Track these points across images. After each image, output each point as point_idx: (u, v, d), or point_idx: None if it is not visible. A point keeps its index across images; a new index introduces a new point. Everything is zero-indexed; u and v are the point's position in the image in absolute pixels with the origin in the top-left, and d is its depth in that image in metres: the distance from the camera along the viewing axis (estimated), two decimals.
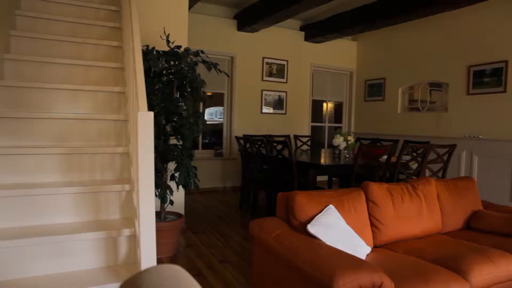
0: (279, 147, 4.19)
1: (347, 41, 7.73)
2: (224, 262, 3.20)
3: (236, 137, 5.22)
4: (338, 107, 8.08)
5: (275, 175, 4.38)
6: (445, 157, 4.12)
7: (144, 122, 1.80)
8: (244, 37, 6.62)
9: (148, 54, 3.16)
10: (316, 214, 2.22)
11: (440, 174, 4.19)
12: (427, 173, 4.07)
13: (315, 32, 7.02)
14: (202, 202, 5.61)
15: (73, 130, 2.52)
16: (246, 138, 4.93)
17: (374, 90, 7.36)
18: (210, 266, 3.10)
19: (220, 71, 3.48)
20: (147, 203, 1.82)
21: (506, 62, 5.14)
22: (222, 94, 6.72)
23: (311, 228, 2.09)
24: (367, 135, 6.99)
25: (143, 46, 3.30)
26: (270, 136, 5.83)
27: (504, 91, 5.16)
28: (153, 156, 1.83)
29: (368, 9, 5.91)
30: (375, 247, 2.50)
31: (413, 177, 3.94)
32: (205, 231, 4.11)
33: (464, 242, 2.56)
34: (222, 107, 6.76)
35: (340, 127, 7.97)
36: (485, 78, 5.40)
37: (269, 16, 5.74)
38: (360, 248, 2.20)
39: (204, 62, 3.39)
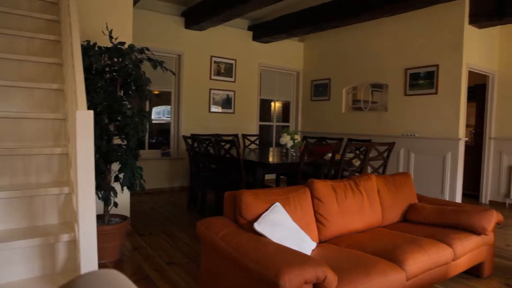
0: (228, 146, 4.20)
1: (294, 42, 7.90)
2: (172, 263, 3.15)
3: (184, 136, 5.14)
4: (286, 107, 8.24)
5: (223, 175, 4.38)
6: (385, 155, 4.35)
7: (83, 121, 1.72)
8: (192, 35, 6.53)
9: (89, 50, 3.01)
10: (263, 212, 2.25)
11: (380, 170, 4.42)
12: (369, 169, 4.28)
13: (263, 32, 7.10)
14: (148, 203, 5.47)
15: (4, 129, 2.34)
16: (194, 137, 4.87)
17: (320, 90, 7.60)
18: (157, 269, 3.03)
19: (166, 69, 3.41)
20: (87, 206, 1.73)
21: (437, 66, 5.54)
22: (169, 93, 6.58)
23: (258, 226, 2.12)
24: (314, 133, 7.20)
25: (84, 41, 3.14)
26: (218, 135, 5.81)
27: (436, 93, 5.57)
28: (93, 157, 1.75)
29: (314, 11, 6.08)
30: (320, 243, 2.59)
31: (356, 173, 4.13)
32: (152, 233, 4.00)
33: (401, 234, 2.73)
34: (170, 106, 6.63)
35: (288, 126, 8.13)
36: (419, 81, 5.78)
37: (217, 15, 5.72)
38: (306, 244, 2.26)
39: (149, 59, 3.30)
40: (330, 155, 4.03)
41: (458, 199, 5.45)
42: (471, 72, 5.56)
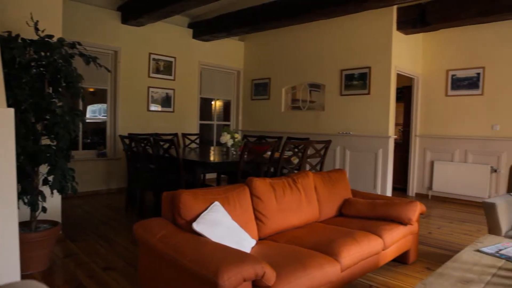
0: (167, 145, 4.11)
1: (234, 41, 7.92)
2: (109, 269, 3.01)
3: (121, 136, 4.94)
4: (227, 106, 8.25)
5: (162, 175, 4.27)
6: (322, 152, 4.52)
7: (2, 120, 1.58)
8: (129, 31, 6.28)
9: (11, 42, 2.78)
10: (202, 212, 2.24)
11: (318, 167, 4.59)
12: (307, 167, 4.43)
13: (203, 30, 7.03)
14: (83, 207, 5.17)
15: None
16: (131, 136, 4.70)
17: (260, 89, 7.70)
18: (92, 275, 2.88)
19: (100, 66, 3.25)
20: (7, 213, 1.60)
21: (370, 68, 5.88)
22: (105, 91, 6.28)
23: (197, 226, 2.10)
24: (254, 132, 7.28)
25: (4, 32, 2.89)
26: (157, 134, 5.66)
27: (368, 93, 5.91)
28: (15, 158, 1.62)
29: (254, 11, 6.14)
30: (260, 240, 2.63)
31: (295, 171, 4.24)
32: (86, 238, 3.80)
33: (336, 228, 2.86)
34: (106, 105, 6.32)
35: (229, 125, 8.14)
36: (354, 82, 6.10)
37: (155, 11, 5.55)
38: (245, 242, 2.29)
39: (81, 54, 3.12)
40: (269, 153, 4.11)
41: (389, 192, 5.83)
42: (399, 74, 5.97)
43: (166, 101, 6.91)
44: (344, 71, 6.23)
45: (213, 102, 8.09)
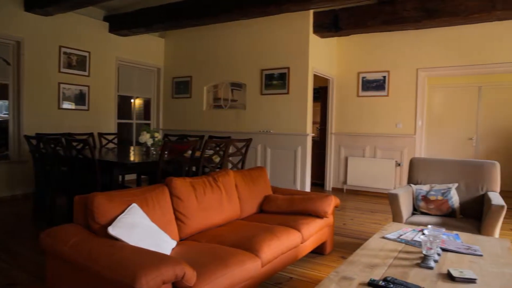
0: (81, 146, 3.84)
1: (154, 37, 7.67)
2: (13, 285, 2.73)
3: (26, 136, 4.50)
4: (147, 104, 7.96)
5: (76, 178, 3.99)
6: (243, 150, 4.59)
7: None
8: (34, 20, 5.73)
9: None
10: (118, 215, 2.13)
11: (239, 165, 4.65)
12: (229, 165, 4.46)
13: (121, 24, 6.69)
14: None
15: None
16: (39, 137, 4.31)
17: (181, 87, 7.57)
18: None
19: None
20: None
21: (288, 68, 6.11)
22: (6, 86, 5.66)
23: (112, 230, 2.00)
24: (175, 131, 7.13)
25: None
26: (70, 134, 5.26)
27: (288, 93, 6.14)
28: None
29: (174, 8, 5.99)
30: (181, 240, 2.59)
31: (216, 170, 4.25)
32: None
33: (257, 224, 2.93)
34: (8, 101, 5.70)
35: (149, 124, 7.87)
36: (274, 81, 6.29)
37: (65, 0, 5.14)
38: (165, 244, 2.23)
39: None
40: (190, 152, 4.06)
41: (308, 188, 6.13)
42: (316, 75, 6.29)
43: (80, 99, 6.46)
44: (264, 71, 6.39)
45: (132, 100, 7.75)
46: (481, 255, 2.16)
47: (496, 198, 3.06)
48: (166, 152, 3.88)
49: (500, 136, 7.28)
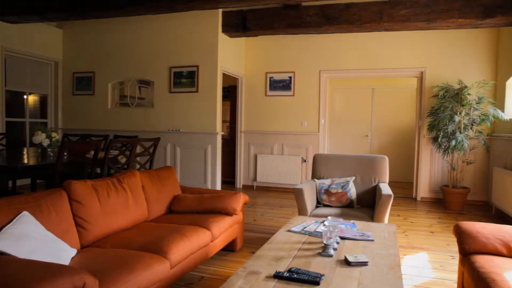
0: None
1: (51, 27, 6.98)
2: None
3: None
4: (43, 101, 7.23)
5: None
6: (151, 150, 4.44)
7: None
8: None
9: None
10: (5, 226, 1.91)
11: (147, 165, 4.49)
12: (137, 166, 4.28)
13: (8, 9, 5.93)
14: None
15: None
16: None
17: (84, 83, 7.03)
18: None
19: None
20: None
21: (198, 67, 6.07)
22: None
23: None
24: (77, 131, 6.61)
25: None
26: None
27: (197, 91, 6.10)
28: None
29: None
30: (83, 248, 2.41)
31: (122, 171, 4.04)
32: None
33: (166, 225, 2.86)
34: None
35: (46, 123, 7.16)
36: (183, 79, 6.19)
37: None
38: (64, 253, 2.06)
39: None
40: (93, 153, 3.80)
41: (219, 186, 6.16)
42: (225, 74, 6.35)
43: None
44: (173, 68, 6.25)
45: (25, 97, 6.96)
46: (372, 240, 2.40)
47: (385, 188, 3.42)
48: (65, 154, 3.57)
49: (389, 133, 8.15)
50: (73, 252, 2.18)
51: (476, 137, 5.46)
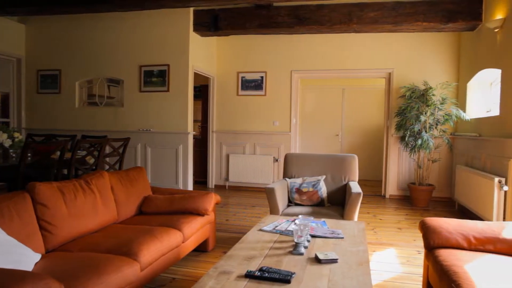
0: None
1: (12, 22, 6.67)
2: None
3: None
4: (5, 99, 6.91)
5: None
6: (121, 150, 4.35)
7: None
8: None
9: None
10: None
11: (117, 166, 4.39)
12: (106, 166, 4.17)
13: None
14: None
15: None
16: None
17: (49, 82, 6.77)
18: None
19: None
20: None
21: (168, 66, 5.99)
22: None
23: None
24: (42, 131, 6.35)
25: None
26: None
27: (168, 90, 6.01)
28: None
29: None
30: (48, 252, 2.33)
31: (91, 172, 3.93)
32: None
33: (136, 227, 2.80)
34: None
35: (8, 123, 6.86)
36: (153, 78, 6.08)
37: None
38: (27, 258, 1.98)
39: None
40: (59, 154, 3.67)
41: (190, 186, 6.10)
42: (197, 73, 6.29)
43: None
44: (143, 67, 6.13)
45: None
46: (342, 238, 2.45)
47: (355, 187, 3.50)
48: (29, 154, 3.44)
49: (359, 132, 8.34)
50: (37, 257, 2.10)
51: (440, 136, 5.68)
